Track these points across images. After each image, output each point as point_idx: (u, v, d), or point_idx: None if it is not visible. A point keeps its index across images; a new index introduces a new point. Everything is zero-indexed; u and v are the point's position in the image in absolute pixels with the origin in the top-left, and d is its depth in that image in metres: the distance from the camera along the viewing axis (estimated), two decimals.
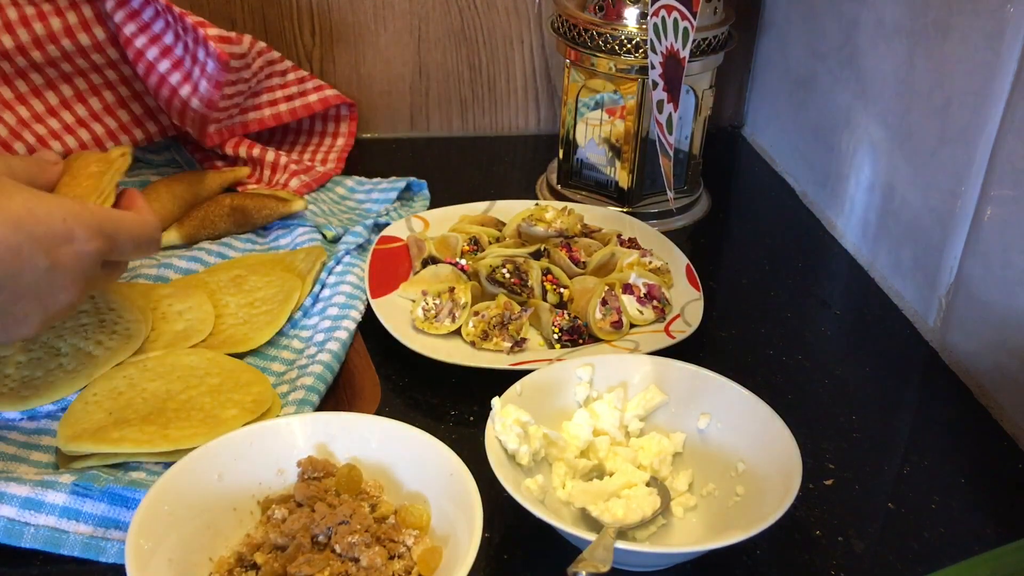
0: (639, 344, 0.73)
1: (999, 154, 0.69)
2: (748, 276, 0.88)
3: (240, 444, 0.56)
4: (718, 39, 0.88)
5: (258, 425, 0.58)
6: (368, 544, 0.52)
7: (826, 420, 0.69)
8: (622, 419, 0.63)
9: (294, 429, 0.58)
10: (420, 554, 0.52)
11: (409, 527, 0.54)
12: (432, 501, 0.55)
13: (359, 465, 0.57)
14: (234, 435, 0.56)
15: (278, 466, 0.57)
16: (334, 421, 0.58)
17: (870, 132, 0.87)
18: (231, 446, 0.56)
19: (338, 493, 0.55)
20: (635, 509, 0.56)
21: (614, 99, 0.92)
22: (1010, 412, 0.69)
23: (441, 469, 0.55)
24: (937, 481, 0.64)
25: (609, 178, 0.95)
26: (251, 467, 0.56)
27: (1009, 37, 0.67)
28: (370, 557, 0.51)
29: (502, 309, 0.74)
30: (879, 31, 0.84)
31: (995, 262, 0.70)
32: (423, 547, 0.53)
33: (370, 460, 0.57)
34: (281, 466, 0.57)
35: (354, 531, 0.52)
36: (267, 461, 0.57)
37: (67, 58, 0.85)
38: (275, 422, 0.58)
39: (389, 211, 0.92)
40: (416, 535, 0.53)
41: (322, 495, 0.54)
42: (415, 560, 0.52)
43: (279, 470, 0.57)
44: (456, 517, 0.53)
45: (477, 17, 1.07)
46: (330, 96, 1.01)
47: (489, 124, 1.13)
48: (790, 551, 0.58)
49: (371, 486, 0.56)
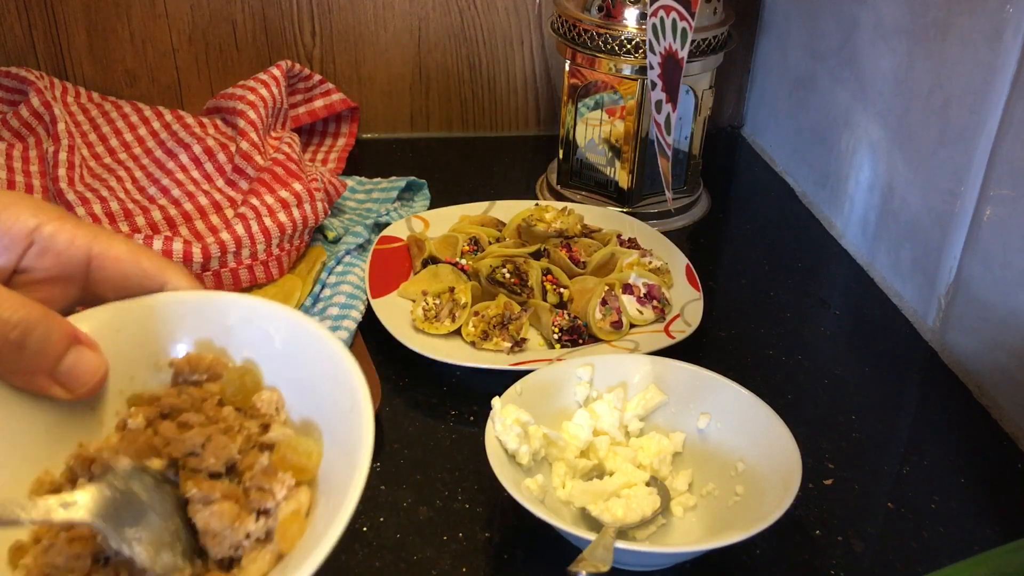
0: (639, 344, 0.73)
1: (998, 154, 0.69)
2: (748, 276, 0.88)
3: (104, 324, 0.42)
4: (718, 39, 0.88)
5: (131, 302, 0.43)
6: (208, 501, 0.38)
7: (826, 420, 0.69)
8: (622, 419, 0.63)
9: (178, 311, 0.43)
10: (279, 525, 0.39)
11: (286, 469, 0.40)
12: (325, 438, 0.41)
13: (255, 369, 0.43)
14: (99, 311, 0.42)
15: (155, 359, 0.43)
16: (233, 307, 0.44)
17: (870, 132, 0.87)
18: (96, 325, 0.41)
19: (222, 403, 0.42)
20: (635, 509, 0.56)
21: (614, 99, 0.92)
22: (1009, 412, 0.69)
23: (341, 399, 0.40)
24: (937, 481, 0.64)
25: (609, 178, 0.95)
26: (119, 355, 0.42)
27: (1008, 37, 0.67)
28: (205, 520, 0.37)
29: (502, 309, 0.74)
30: (879, 31, 0.84)
31: (994, 262, 0.70)
32: (294, 506, 0.39)
33: (269, 366, 0.44)
34: (158, 360, 0.43)
35: (199, 470, 0.39)
36: (140, 351, 0.43)
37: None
38: (154, 299, 0.43)
39: (389, 211, 0.92)
40: (291, 486, 0.40)
41: (198, 405, 0.41)
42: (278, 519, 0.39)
43: (155, 364, 0.43)
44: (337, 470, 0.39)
45: (477, 17, 1.07)
46: (335, 102, 1.03)
47: (489, 124, 1.14)
48: (790, 551, 0.58)
49: (266, 400, 0.43)
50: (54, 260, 0.40)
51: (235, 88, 0.94)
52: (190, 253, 0.74)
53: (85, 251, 0.41)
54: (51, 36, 1.02)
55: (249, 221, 0.78)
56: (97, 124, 0.97)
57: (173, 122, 0.96)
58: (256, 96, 0.92)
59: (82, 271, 0.41)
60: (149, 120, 0.97)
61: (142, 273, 0.42)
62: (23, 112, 0.95)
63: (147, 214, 0.83)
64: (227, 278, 0.77)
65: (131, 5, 1.01)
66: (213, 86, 1.07)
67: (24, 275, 0.40)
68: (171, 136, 0.93)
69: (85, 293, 0.42)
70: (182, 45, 1.05)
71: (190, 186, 0.87)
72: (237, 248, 0.77)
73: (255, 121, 0.90)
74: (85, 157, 0.92)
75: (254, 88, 0.93)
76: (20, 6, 1.00)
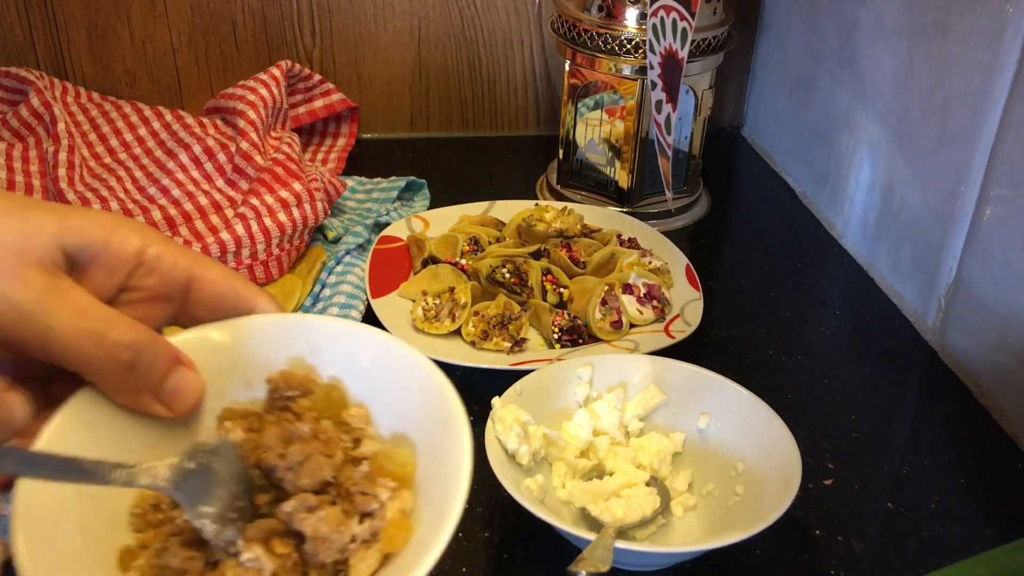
0: (639, 344, 0.73)
1: (998, 154, 0.69)
2: (748, 276, 0.88)
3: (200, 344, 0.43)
4: (718, 39, 0.88)
5: (225, 323, 0.44)
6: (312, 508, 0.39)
7: (826, 420, 0.69)
8: (622, 419, 0.63)
9: (268, 332, 0.45)
10: (386, 527, 0.40)
11: (386, 476, 0.42)
12: (419, 449, 0.43)
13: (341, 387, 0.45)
14: (195, 332, 0.44)
15: (246, 377, 0.45)
16: (320, 328, 0.46)
17: (869, 132, 0.87)
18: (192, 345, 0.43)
19: (317, 419, 0.44)
20: (635, 509, 0.56)
21: (614, 99, 0.92)
22: (1009, 412, 0.69)
23: (434, 410, 0.43)
24: (936, 481, 0.64)
25: (609, 178, 0.95)
26: (212, 374, 0.43)
27: (1008, 37, 0.67)
28: (313, 526, 0.39)
29: (502, 309, 0.74)
30: (878, 31, 0.84)
31: (994, 262, 0.70)
32: (399, 506, 0.41)
33: (356, 383, 0.45)
34: (249, 378, 0.45)
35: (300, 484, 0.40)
36: (232, 370, 0.44)
37: None
38: (246, 320, 0.44)
39: (389, 211, 0.92)
40: (393, 488, 0.42)
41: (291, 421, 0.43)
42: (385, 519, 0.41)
43: (247, 382, 0.45)
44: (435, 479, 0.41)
45: (477, 17, 1.07)
46: (335, 102, 1.03)
47: (489, 124, 1.14)
48: (789, 551, 0.58)
49: (355, 415, 0.44)
50: (159, 280, 0.41)
51: (235, 88, 0.94)
52: None
53: (186, 272, 0.42)
54: (51, 36, 1.02)
55: (249, 221, 0.78)
56: (97, 124, 0.97)
57: (173, 122, 0.96)
58: (256, 96, 0.92)
59: (182, 292, 0.42)
60: (149, 120, 0.97)
61: (236, 296, 0.43)
62: (23, 112, 0.95)
63: (147, 214, 0.83)
64: None
65: (131, 5, 1.01)
66: (213, 86, 1.07)
67: (129, 293, 0.41)
68: (171, 136, 0.93)
69: (180, 313, 0.43)
70: (182, 45, 1.05)
71: (190, 186, 0.87)
72: (237, 248, 0.77)
73: (255, 121, 0.90)
74: (85, 157, 0.92)
75: (254, 88, 0.93)
76: (20, 6, 1.00)
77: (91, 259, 0.39)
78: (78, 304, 0.38)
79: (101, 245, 0.40)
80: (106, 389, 0.39)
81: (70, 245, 0.39)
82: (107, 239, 0.40)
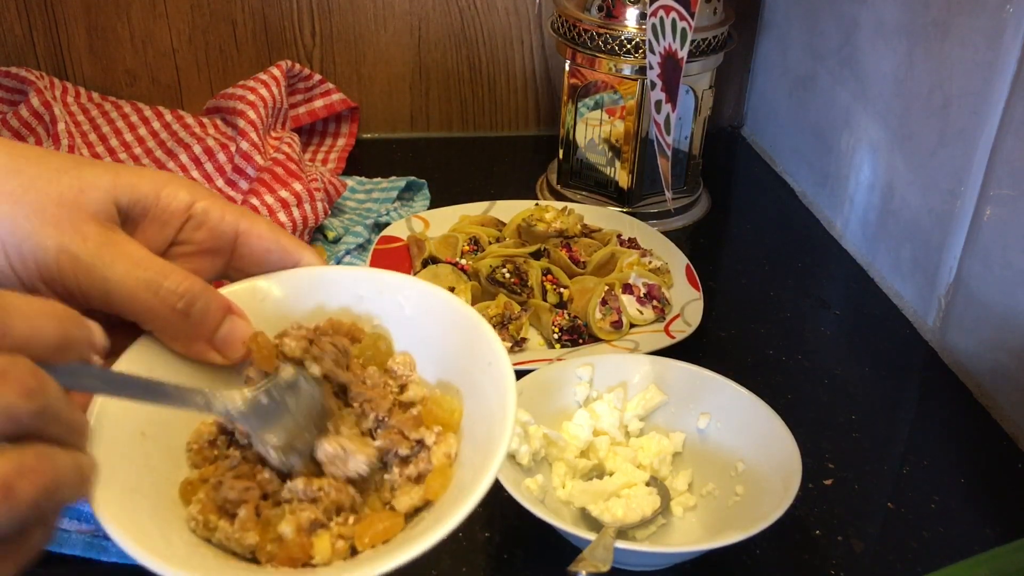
0: (639, 344, 0.73)
1: (998, 154, 0.69)
2: (748, 276, 0.88)
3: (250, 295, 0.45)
4: (718, 39, 0.88)
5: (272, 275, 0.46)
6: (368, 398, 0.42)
7: (826, 420, 0.69)
8: (622, 419, 0.63)
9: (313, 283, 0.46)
10: (431, 474, 0.42)
11: (433, 423, 0.43)
12: (464, 394, 0.45)
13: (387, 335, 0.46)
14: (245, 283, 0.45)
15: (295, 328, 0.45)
16: (364, 280, 0.47)
17: (870, 132, 0.87)
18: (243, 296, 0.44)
19: (364, 366, 0.45)
20: (635, 509, 0.56)
21: (614, 99, 0.92)
22: (1009, 412, 0.69)
23: (478, 354, 0.44)
24: (936, 481, 0.64)
25: (609, 178, 0.95)
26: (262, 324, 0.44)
27: (1008, 37, 0.67)
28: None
29: (502, 309, 0.74)
30: (879, 31, 0.84)
31: (994, 262, 0.70)
32: (444, 450, 0.42)
33: (400, 331, 0.46)
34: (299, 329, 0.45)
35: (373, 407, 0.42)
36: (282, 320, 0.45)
37: None
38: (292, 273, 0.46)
39: (389, 211, 0.92)
40: (439, 432, 0.43)
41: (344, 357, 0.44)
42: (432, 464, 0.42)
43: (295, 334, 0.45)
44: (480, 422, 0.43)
45: (477, 17, 1.07)
46: (335, 102, 1.03)
47: (489, 124, 1.14)
48: (790, 551, 0.58)
49: (400, 362, 0.45)
50: (207, 234, 0.43)
51: (235, 88, 0.94)
52: None
53: (234, 227, 0.44)
54: (51, 36, 1.02)
55: None
56: (97, 124, 0.97)
57: (173, 122, 0.96)
58: (256, 96, 0.92)
59: (230, 245, 0.44)
60: (149, 120, 0.97)
61: (281, 250, 0.45)
62: (23, 112, 0.95)
63: None
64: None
65: (131, 5, 1.01)
66: (213, 86, 1.07)
67: (179, 247, 0.43)
68: (171, 136, 0.93)
69: (228, 267, 0.45)
70: (182, 45, 1.05)
71: None
72: None
73: (255, 121, 0.90)
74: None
75: (254, 88, 0.93)
76: (20, 6, 1.00)
77: (143, 213, 0.41)
78: (133, 255, 0.39)
79: (152, 200, 0.41)
80: (163, 337, 0.41)
81: (123, 200, 0.40)
82: (157, 194, 0.41)
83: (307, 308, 0.46)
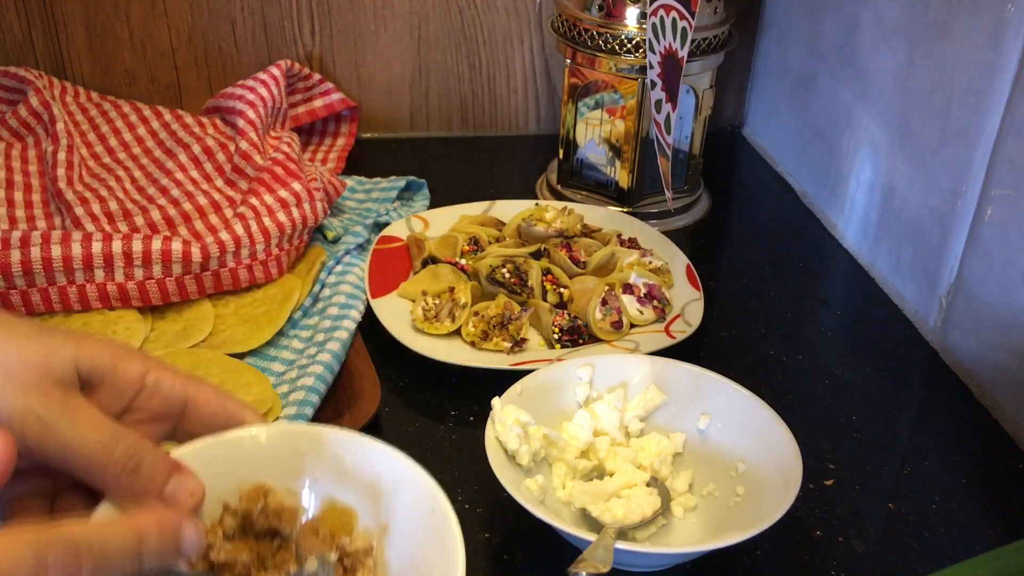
0: (639, 344, 0.73)
1: (999, 154, 0.69)
2: (748, 276, 0.88)
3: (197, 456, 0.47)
4: (718, 39, 0.88)
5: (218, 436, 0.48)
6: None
7: (826, 420, 0.69)
8: (622, 419, 0.63)
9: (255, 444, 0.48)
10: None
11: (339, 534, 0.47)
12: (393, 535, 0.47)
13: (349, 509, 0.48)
14: (192, 445, 0.47)
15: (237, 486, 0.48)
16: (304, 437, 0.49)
17: (870, 132, 0.87)
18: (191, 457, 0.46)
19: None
20: (635, 509, 0.56)
21: (614, 99, 0.92)
22: (1010, 412, 0.69)
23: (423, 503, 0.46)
24: (937, 481, 0.64)
25: (609, 178, 0.95)
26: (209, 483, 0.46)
27: (1009, 37, 0.67)
28: None
29: (502, 309, 0.74)
30: (879, 31, 0.84)
31: (996, 262, 0.70)
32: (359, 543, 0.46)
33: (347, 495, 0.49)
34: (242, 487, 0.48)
35: None
36: (227, 478, 0.47)
37: None
38: (236, 433, 0.48)
39: (389, 211, 0.92)
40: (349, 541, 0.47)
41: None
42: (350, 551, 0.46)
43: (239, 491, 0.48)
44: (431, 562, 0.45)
45: (477, 17, 1.07)
46: (335, 101, 1.03)
47: (489, 124, 1.13)
48: (790, 551, 0.58)
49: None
50: (159, 402, 0.47)
51: (234, 87, 0.94)
52: (189, 253, 0.74)
53: (183, 394, 0.47)
54: (50, 36, 1.02)
55: (248, 221, 0.78)
56: (96, 124, 0.97)
57: (172, 122, 0.96)
58: (255, 96, 0.92)
59: (179, 411, 0.47)
60: (148, 120, 0.97)
61: (227, 413, 0.48)
62: (22, 112, 0.95)
63: (146, 214, 0.83)
64: (226, 278, 0.77)
65: (130, 5, 1.01)
66: (212, 86, 1.06)
67: (133, 414, 0.46)
68: (170, 136, 0.93)
69: (177, 430, 0.48)
70: (181, 45, 1.04)
71: (189, 186, 0.87)
72: (236, 248, 0.77)
73: (254, 121, 0.89)
74: (84, 157, 0.91)
75: (253, 88, 0.93)
76: (19, 6, 1.00)
77: (101, 381, 0.44)
78: (92, 419, 0.43)
79: (110, 369, 0.45)
80: (115, 495, 0.44)
81: (84, 367, 0.44)
82: (115, 365, 0.45)
83: (249, 470, 0.48)
